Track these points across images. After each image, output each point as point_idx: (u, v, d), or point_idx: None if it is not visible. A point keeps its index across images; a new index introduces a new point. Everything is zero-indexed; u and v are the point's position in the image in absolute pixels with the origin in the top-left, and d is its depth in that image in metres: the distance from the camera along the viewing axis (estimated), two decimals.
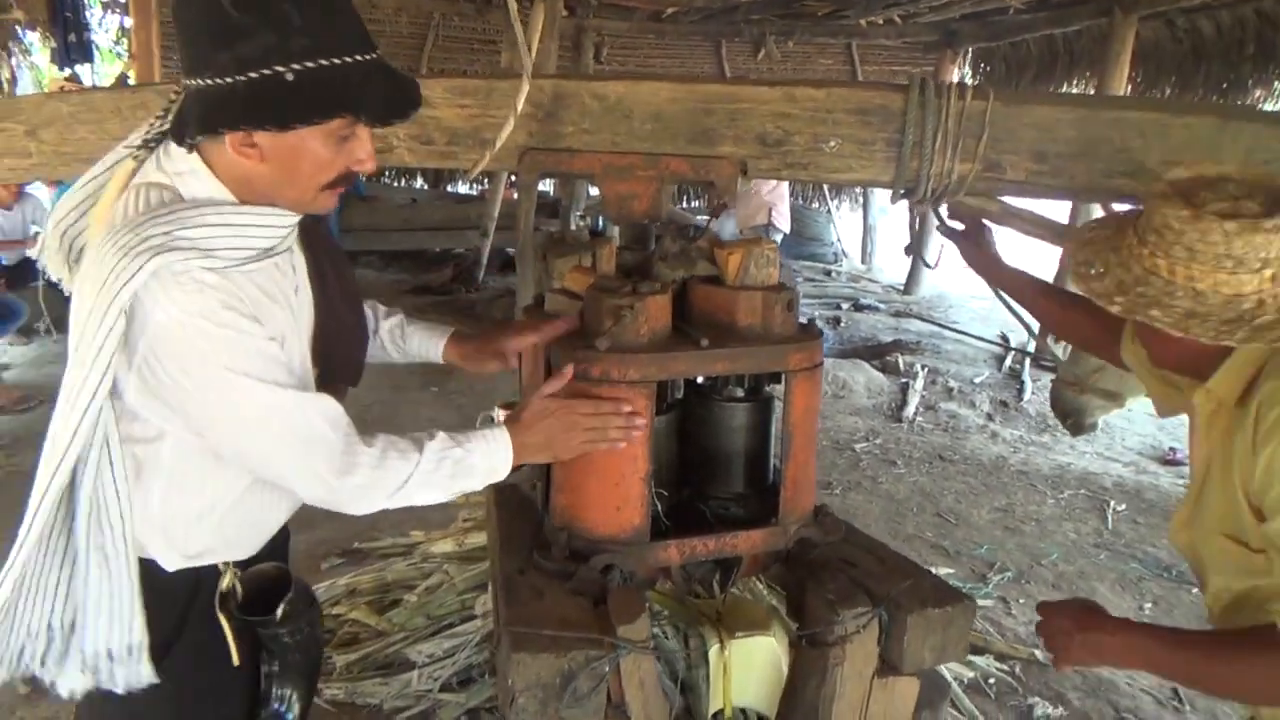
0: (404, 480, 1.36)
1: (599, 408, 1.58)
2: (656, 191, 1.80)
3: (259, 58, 1.17)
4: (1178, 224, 1.25)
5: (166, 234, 1.19)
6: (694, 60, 9.40)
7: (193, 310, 1.19)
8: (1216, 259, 1.24)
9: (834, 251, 11.50)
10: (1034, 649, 3.35)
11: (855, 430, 5.66)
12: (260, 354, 1.25)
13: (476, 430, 1.47)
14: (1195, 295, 1.26)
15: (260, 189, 1.28)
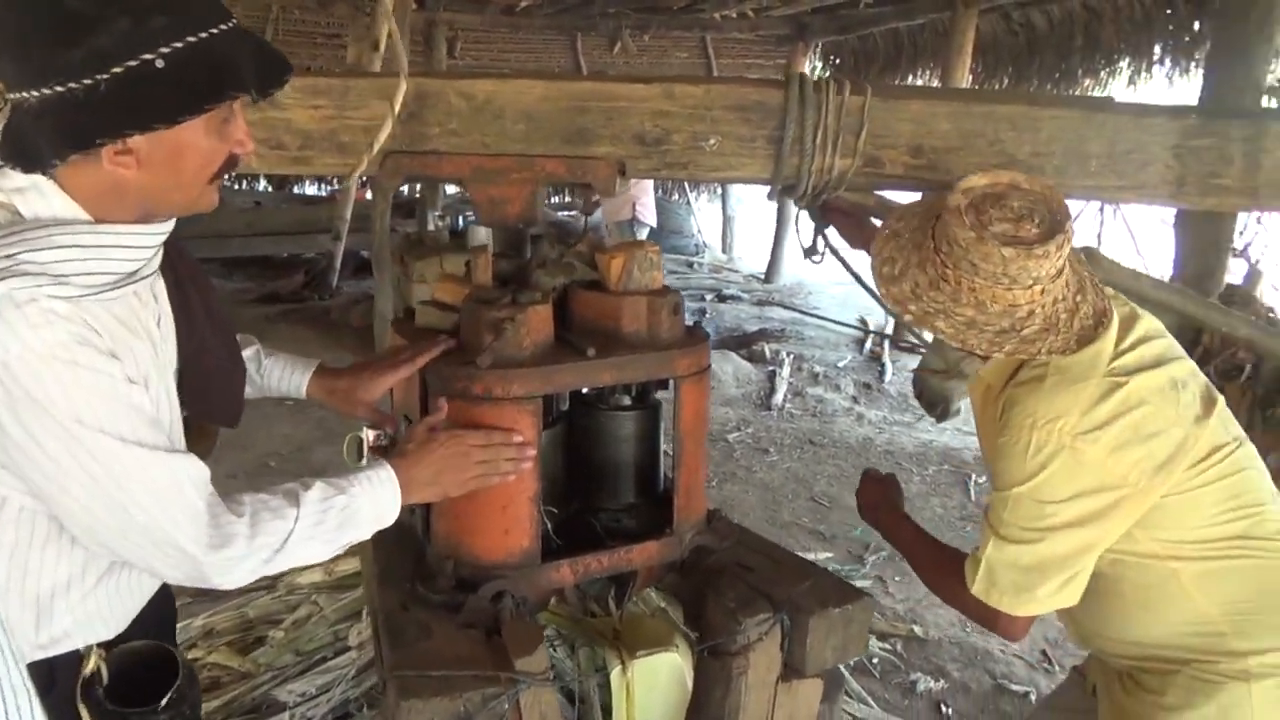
0: (281, 543, 1.21)
1: (490, 438, 1.48)
2: (531, 194, 1.71)
3: (119, 49, 1.00)
4: (964, 243, 1.39)
5: (9, 257, 1.01)
6: (549, 55, 9.28)
7: (38, 347, 1.01)
8: (995, 277, 1.38)
9: (695, 243, 11.63)
10: (913, 625, 3.45)
11: (727, 421, 5.72)
12: (118, 401, 1.07)
13: (358, 472, 1.33)
14: (977, 304, 1.41)
15: (136, 200, 1.11)
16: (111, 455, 1.07)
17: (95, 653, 1.23)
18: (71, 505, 1.09)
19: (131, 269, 1.14)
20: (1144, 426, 1.39)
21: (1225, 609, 1.43)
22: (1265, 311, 2.51)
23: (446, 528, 1.63)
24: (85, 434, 1.05)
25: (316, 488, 1.27)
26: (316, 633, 2.73)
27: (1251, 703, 1.41)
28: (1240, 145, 1.71)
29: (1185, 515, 1.42)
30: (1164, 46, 6.08)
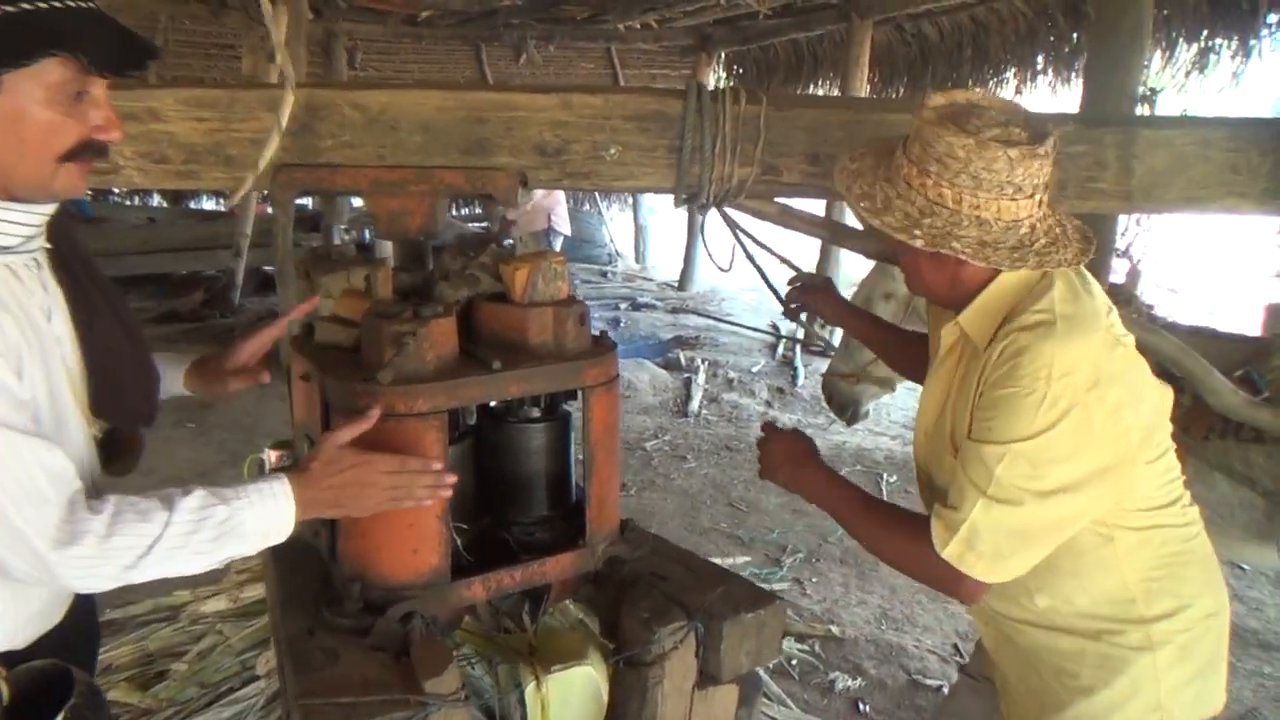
0: (146, 548, 1.15)
1: (404, 464, 1.42)
2: (431, 206, 1.68)
3: None
4: (963, 153, 1.28)
5: None
6: (454, 65, 9.18)
7: None
8: (1000, 187, 1.28)
9: (608, 252, 11.66)
10: (830, 625, 3.51)
11: (644, 429, 5.73)
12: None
13: (249, 484, 1.28)
14: (980, 224, 1.31)
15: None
16: None
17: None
18: None
19: (3, 244, 1.13)
20: (1137, 389, 1.35)
21: (1141, 576, 1.44)
22: (1145, 310, 2.63)
23: (353, 548, 1.58)
24: None
25: (196, 495, 1.22)
26: (222, 663, 2.62)
27: (1157, 672, 1.45)
28: (1113, 150, 1.79)
29: (1139, 484, 1.40)
30: (1046, 57, 6.38)
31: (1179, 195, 1.86)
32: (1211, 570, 1.53)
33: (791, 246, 4.80)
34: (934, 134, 1.31)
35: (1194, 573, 1.49)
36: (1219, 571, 1.56)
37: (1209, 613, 1.50)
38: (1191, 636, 1.47)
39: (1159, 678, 1.45)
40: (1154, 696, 1.45)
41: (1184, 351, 2.01)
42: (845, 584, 3.86)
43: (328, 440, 1.39)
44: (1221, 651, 1.53)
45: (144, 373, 1.41)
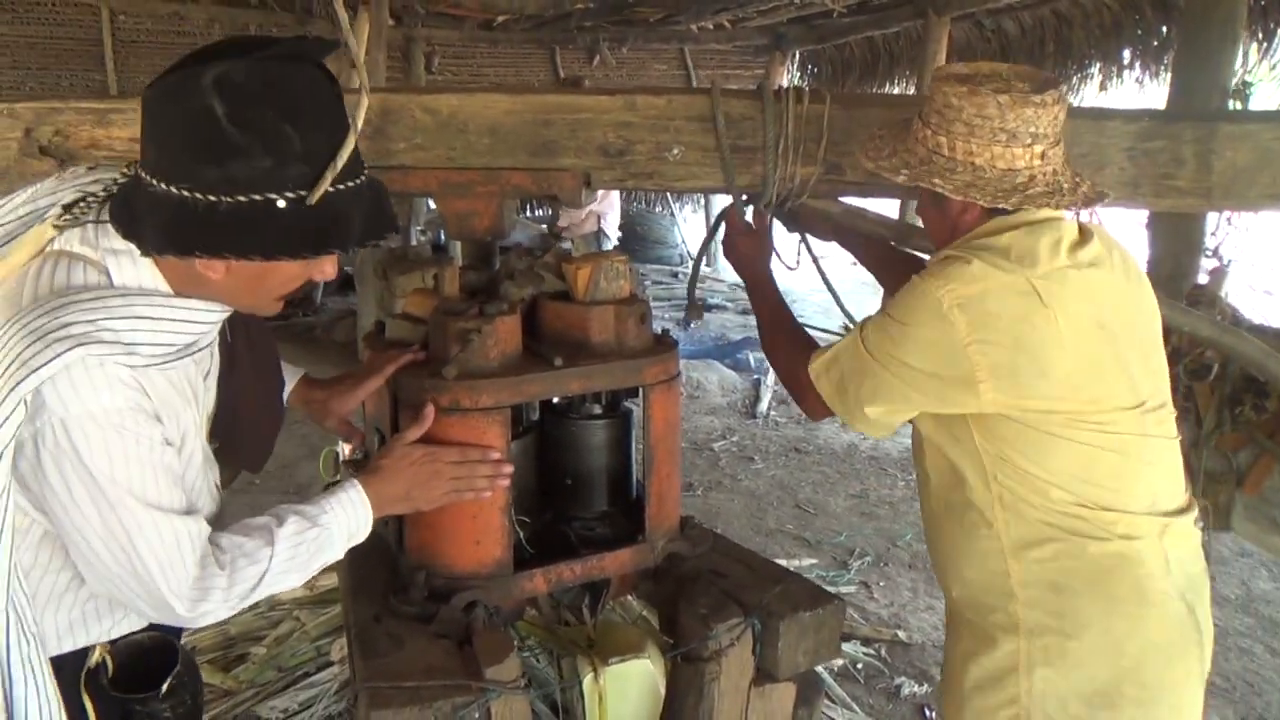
0: (256, 582, 1.25)
1: (465, 455, 1.51)
2: (498, 207, 1.72)
3: (251, 181, 1.07)
4: (957, 100, 1.37)
5: (91, 323, 1.08)
6: (529, 68, 9.30)
7: (95, 411, 1.08)
8: (992, 133, 1.36)
9: (679, 253, 11.65)
10: (897, 630, 3.47)
11: (712, 430, 5.73)
12: (151, 465, 1.15)
13: (329, 495, 1.37)
14: (974, 169, 1.38)
15: (211, 294, 1.19)
16: (131, 514, 1.13)
17: (100, 645, 1.29)
18: (83, 548, 1.15)
19: (191, 340, 1.21)
20: (1027, 344, 1.36)
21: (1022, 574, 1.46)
22: (1229, 311, 2.54)
23: (419, 539, 1.63)
24: (115, 493, 1.12)
25: (290, 523, 1.30)
26: (299, 648, 2.72)
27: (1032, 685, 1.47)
28: (1192, 147, 1.74)
29: (1028, 447, 1.42)
30: (1133, 51, 6.15)
31: (1263, 193, 1.80)
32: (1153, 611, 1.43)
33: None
34: (938, 89, 1.41)
35: (1108, 600, 1.42)
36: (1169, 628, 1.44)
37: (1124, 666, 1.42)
38: (1086, 673, 1.43)
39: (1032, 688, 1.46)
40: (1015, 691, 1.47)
41: (1269, 355, 1.94)
42: (913, 589, 3.80)
43: (394, 440, 1.48)
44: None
45: (264, 421, 1.50)
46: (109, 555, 1.16)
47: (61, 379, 1.06)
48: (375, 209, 1.18)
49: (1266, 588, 3.82)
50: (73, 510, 1.13)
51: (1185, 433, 2.41)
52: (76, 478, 1.11)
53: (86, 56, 7.39)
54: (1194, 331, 1.94)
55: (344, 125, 1.13)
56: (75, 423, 1.08)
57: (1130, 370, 1.43)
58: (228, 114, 1.05)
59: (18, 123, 1.69)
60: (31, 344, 1.04)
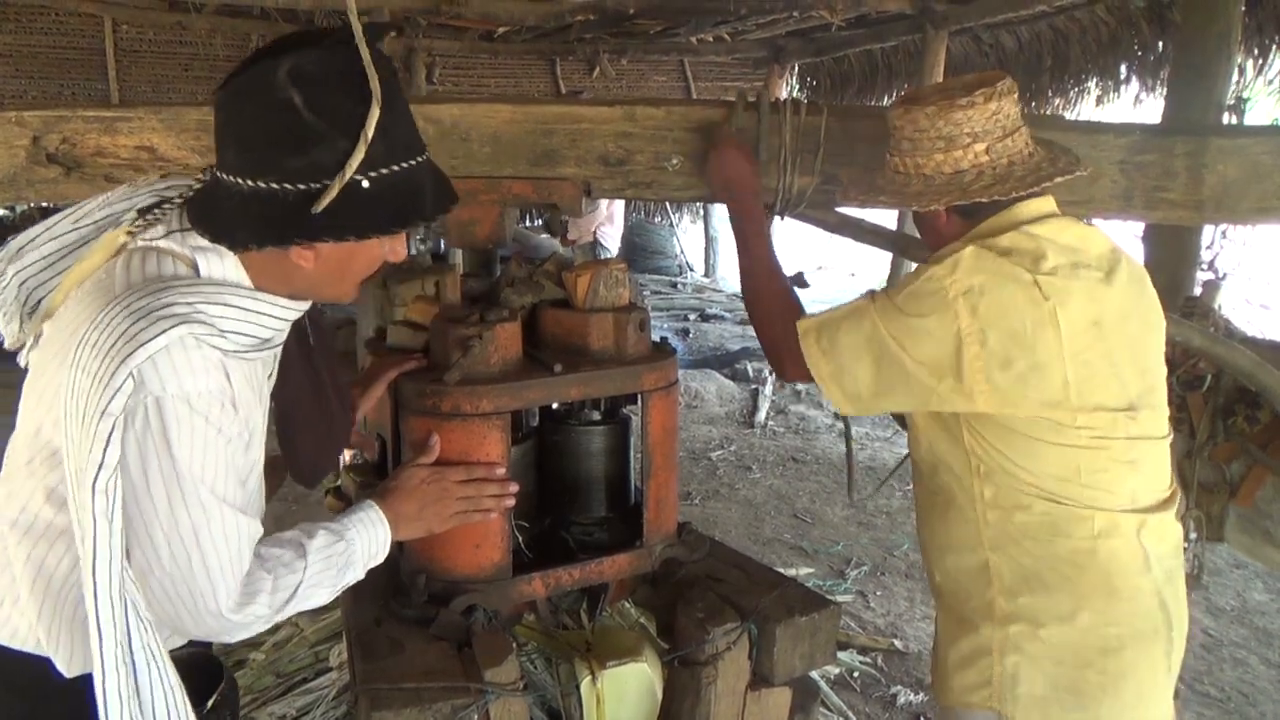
0: (291, 594, 1.25)
1: (470, 473, 1.53)
2: (499, 216, 1.75)
3: (335, 164, 1.09)
4: (898, 121, 1.46)
5: (190, 305, 1.09)
6: (529, 79, 9.35)
7: (191, 393, 1.08)
8: (930, 142, 1.44)
9: (678, 264, 11.69)
10: (893, 639, 3.48)
11: (710, 439, 5.75)
12: (227, 459, 1.15)
13: (350, 515, 1.38)
14: (925, 180, 1.46)
15: (298, 285, 1.21)
16: (201, 507, 1.13)
17: None
18: (143, 539, 1.12)
19: (269, 336, 1.22)
20: (1031, 345, 1.38)
21: (1003, 563, 1.51)
22: (1222, 324, 2.56)
23: (418, 542, 1.65)
24: (189, 484, 1.11)
25: (320, 536, 1.31)
26: (297, 654, 2.72)
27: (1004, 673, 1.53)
28: (1183, 160, 1.77)
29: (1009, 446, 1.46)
30: (1130, 67, 6.19)
31: (1253, 206, 1.83)
32: (1122, 604, 1.49)
33: (862, 256, 4.76)
34: (889, 116, 1.51)
35: (1077, 594, 1.48)
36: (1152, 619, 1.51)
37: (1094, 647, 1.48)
38: (1052, 659, 1.49)
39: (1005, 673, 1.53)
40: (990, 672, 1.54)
41: (1260, 366, 1.96)
42: (910, 598, 3.82)
43: (405, 468, 1.52)
44: None
45: (322, 435, 1.48)
46: (167, 551, 1.13)
47: (162, 357, 1.06)
48: (440, 181, 1.22)
49: (1261, 599, 3.84)
50: (143, 497, 1.10)
51: (1179, 444, 2.43)
52: (157, 461, 1.09)
53: (89, 66, 7.40)
54: (1187, 342, 1.97)
55: (404, 104, 1.17)
56: (170, 403, 1.08)
57: (1120, 371, 1.45)
58: (306, 103, 1.07)
59: (25, 130, 1.71)
60: (137, 320, 1.05)
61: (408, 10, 6.09)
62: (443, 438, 1.55)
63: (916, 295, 1.44)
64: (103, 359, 1.04)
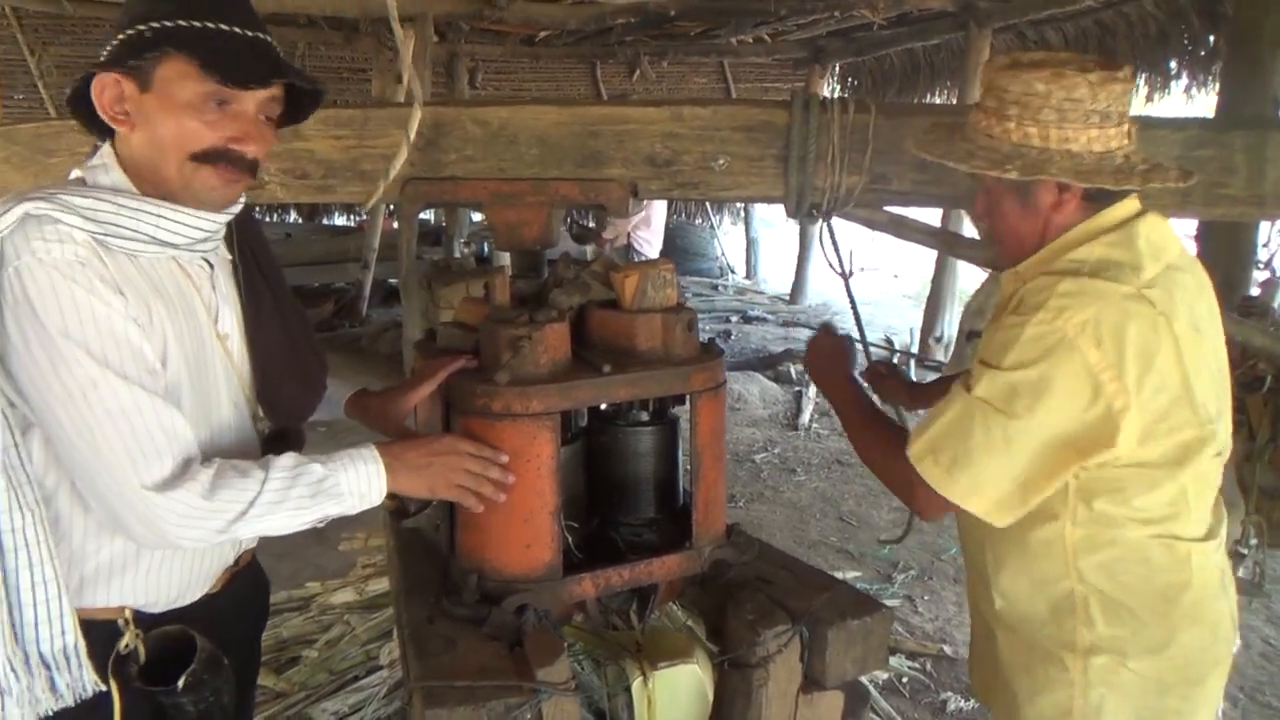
0: (248, 502, 1.24)
1: (480, 450, 1.51)
2: (547, 217, 1.76)
3: (129, 22, 1.23)
4: (1042, 86, 1.27)
5: (49, 193, 1.17)
6: (570, 83, 9.41)
7: (45, 259, 1.14)
8: (1085, 116, 1.27)
9: (719, 265, 11.67)
10: (943, 644, 3.43)
11: (754, 441, 5.72)
12: (110, 331, 1.17)
13: (342, 450, 1.36)
14: (1072, 157, 1.29)
15: (142, 165, 1.27)
16: (87, 376, 1.16)
17: (131, 629, 1.31)
18: (49, 418, 1.18)
19: (167, 239, 1.27)
20: (1153, 359, 1.28)
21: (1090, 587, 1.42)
22: None
23: (470, 542, 1.66)
24: (68, 348, 1.15)
25: (289, 456, 1.31)
26: (349, 652, 2.77)
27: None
28: (1244, 155, 1.73)
29: (1126, 477, 1.35)
30: (1180, 62, 6.06)
31: None
32: (1207, 632, 1.42)
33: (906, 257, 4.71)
34: (1008, 78, 1.30)
35: (1169, 625, 1.39)
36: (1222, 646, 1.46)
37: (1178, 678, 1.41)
38: (1139, 690, 1.40)
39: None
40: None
41: None
42: (959, 603, 3.76)
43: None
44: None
45: (302, 377, 1.54)
46: (72, 428, 1.16)
47: (16, 232, 1.14)
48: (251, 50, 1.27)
49: None
50: (32, 370, 1.15)
51: (1238, 446, 2.37)
52: (31, 329, 1.14)
53: None
54: (1246, 342, 1.92)
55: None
56: (26, 270, 1.14)
57: (1215, 379, 1.38)
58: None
59: None
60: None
61: (450, 16, 6.15)
62: (494, 438, 1.56)
63: (1026, 348, 1.28)
64: None
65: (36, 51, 7.51)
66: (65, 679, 1.23)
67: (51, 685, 1.23)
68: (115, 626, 1.31)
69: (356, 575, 3.20)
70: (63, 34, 7.44)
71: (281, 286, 1.53)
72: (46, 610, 1.20)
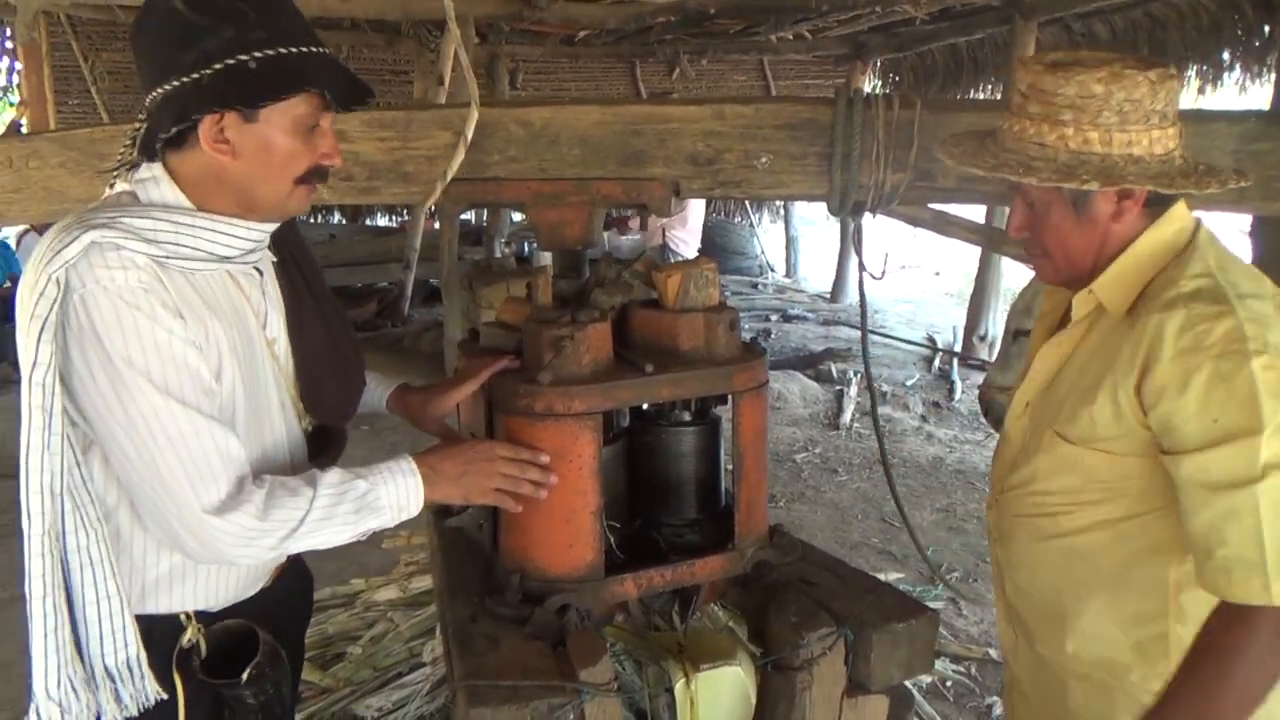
0: (298, 521, 1.27)
1: (517, 453, 1.51)
2: (589, 217, 1.76)
3: (222, 50, 1.20)
4: (1100, 87, 1.18)
5: (110, 217, 1.19)
6: (609, 82, 9.42)
7: (109, 286, 1.16)
8: (1146, 116, 1.19)
9: (759, 264, 11.62)
10: (988, 648, 3.38)
11: (794, 441, 5.69)
12: (170, 357, 1.20)
13: (380, 464, 1.39)
14: (1135, 161, 1.21)
15: (234, 189, 1.28)
16: (149, 404, 1.19)
17: (193, 625, 1.35)
18: (111, 442, 1.22)
19: (224, 254, 1.30)
20: None
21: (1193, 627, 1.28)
22: None
23: (513, 542, 1.67)
24: (131, 376, 1.18)
25: (333, 472, 1.34)
26: (392, 649, 2.80)
27: None
28: None
29: None
30: (1233, 53, 5.91)
31: None
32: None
33: (947, 254, 4.64)
34: (1058, 81, 1.21)
35: None
36: None
37: None
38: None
39: None
40: None
41: None
42: None
43: (455, 438, 1.51)
44: None
45: (344, 375, 1.57)
46: (134, 452, 1.20)
47: (80, 261, 1.16)
48: (346, 73, 1.31)
49: None
50: (95, 396, 1.18)
51: None
52: (96, 357, 1.17)
53: None
54: None
55: (292, 5, 1.28)
56: (91, 298, 1.16)
57: None
58: (186, 5, 1.20)
59: None
60: (60, 236, 1.16)
61: (490, 17, 6.19)
62: (536, 438, 1.56)
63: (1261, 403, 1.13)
64: (34, 271, 1.16)
65: (90, 57, 7.68)
66: (129, 690, 1.28)
67: (116, 697, 1.28)
68: (177, 622, 1.36)
69: (400, 573, 3.23)
70: (114, 40, 7.60)
71: (321, 285, 1.55)
72: (110, 624, 1.26)
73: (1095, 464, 1.31)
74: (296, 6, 1.29)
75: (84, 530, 1.22)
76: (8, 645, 3.40)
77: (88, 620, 1.24)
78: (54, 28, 7.22)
